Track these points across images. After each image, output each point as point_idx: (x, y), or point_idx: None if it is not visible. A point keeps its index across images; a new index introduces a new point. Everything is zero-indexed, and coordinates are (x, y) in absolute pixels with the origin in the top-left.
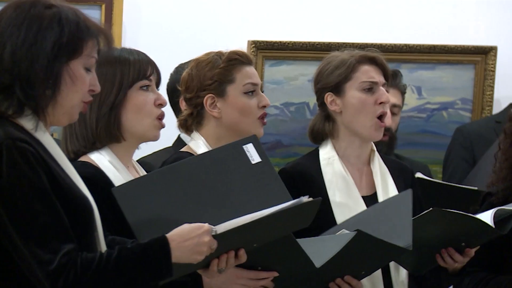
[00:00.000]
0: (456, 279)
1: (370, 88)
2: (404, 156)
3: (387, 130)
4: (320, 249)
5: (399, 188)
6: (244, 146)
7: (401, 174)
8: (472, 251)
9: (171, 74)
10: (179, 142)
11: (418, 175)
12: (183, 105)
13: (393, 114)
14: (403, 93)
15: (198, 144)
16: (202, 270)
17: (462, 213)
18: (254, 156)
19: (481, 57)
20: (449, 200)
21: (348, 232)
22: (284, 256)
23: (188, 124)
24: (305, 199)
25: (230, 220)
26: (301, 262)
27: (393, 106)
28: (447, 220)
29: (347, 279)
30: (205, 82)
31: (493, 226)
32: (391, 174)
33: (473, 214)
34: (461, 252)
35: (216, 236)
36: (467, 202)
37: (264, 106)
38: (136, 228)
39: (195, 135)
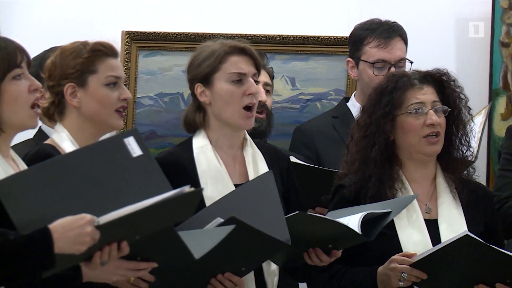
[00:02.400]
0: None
1: (239, 80)
2: (277, 147)
3: (262, 106)
4: (200, 241)
5: (274, 175)
6: (125, 139)
7: (277, 161)
8: (338, 253)
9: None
10: (41, 134)
11: (292, 158)
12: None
13: (267, 91)
14: (271, 76)
15: (61, 137)
16: (84, 263)
17: (327, 218)
18: (135, 149)
19: None
20: (320, 182)
21: (223, 220)
22: (163, 247)
23: (51, 112)
24: (187, 189)
25: (113, 211)
26: (181, 253)
27: (266, 84)
28: (313, 223)
29: (228, 275)
30: (67, 70)
31: (360, 233)
32: (266, 161)
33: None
34: (328, 253)
35: (98, 227)
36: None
37: (125, 99)
38: (19, 222)
39: (58, 127)
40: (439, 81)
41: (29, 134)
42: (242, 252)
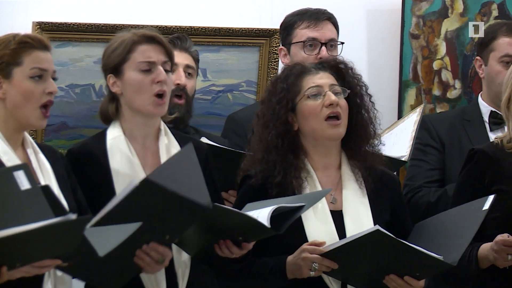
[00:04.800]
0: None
1: (148, 69)
2: (202, 130)
3: (182, 90)
4: (105, 237)
5: None
6: (14, 173)
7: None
8: (249, 245)
9: None
10: None
11: (203, 139)
12: None
13: (189, 74)
14: (195, 58)
15: None
16: None
17: (236, 211)
18: (23, 182)
19: (265, 40)
20: (233, 164)
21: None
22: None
23: None
24: (73, 216)
25: None
26: (85, 250)
27: (187, 67)
28: (222, 215)
29: (153, 246)
30: None
31: (269, 226)
32: None
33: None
34: (238, 245)
35: None
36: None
37: (51, 93)
38: None
39: None
40: (336, 68)
41: None
42: (162, 219)
